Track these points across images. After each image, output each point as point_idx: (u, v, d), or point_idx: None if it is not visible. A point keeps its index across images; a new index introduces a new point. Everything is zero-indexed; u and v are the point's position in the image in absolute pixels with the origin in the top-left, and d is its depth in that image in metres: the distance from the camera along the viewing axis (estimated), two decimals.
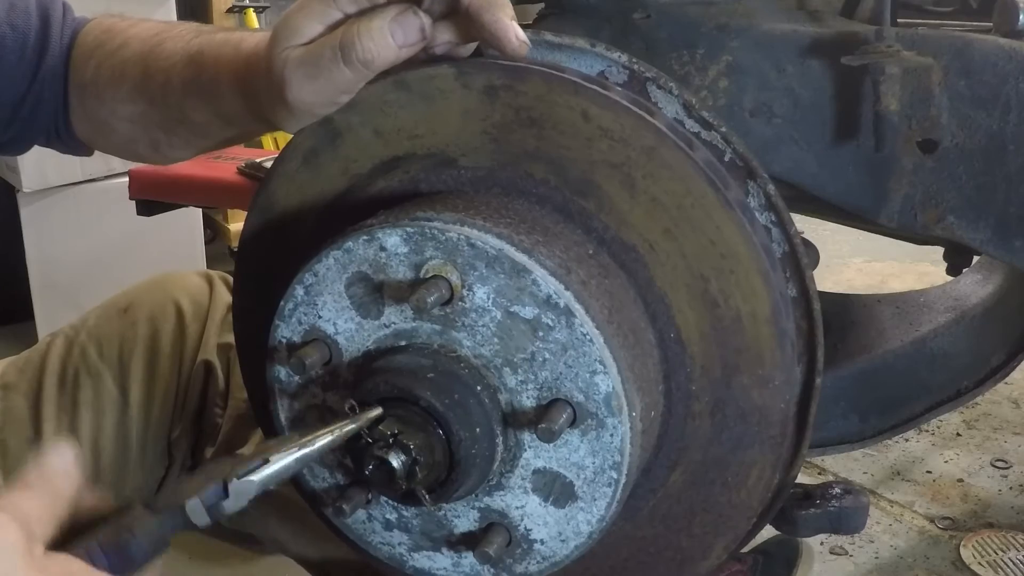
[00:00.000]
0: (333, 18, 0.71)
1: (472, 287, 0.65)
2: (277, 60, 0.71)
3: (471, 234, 0.64)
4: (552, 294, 0.63)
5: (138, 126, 0.92)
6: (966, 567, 1.78)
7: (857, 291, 2.55)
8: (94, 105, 0.94)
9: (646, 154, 0.68)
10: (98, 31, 0.96)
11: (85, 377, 1.18)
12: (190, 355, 1.22)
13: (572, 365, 0.64)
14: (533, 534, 0.69)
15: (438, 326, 0.66)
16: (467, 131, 0.71)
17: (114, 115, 0.93)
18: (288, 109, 0.73)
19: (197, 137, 0.91)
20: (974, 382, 1.25)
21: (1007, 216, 1.00)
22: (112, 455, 1.18)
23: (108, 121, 0.94)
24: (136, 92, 0.90)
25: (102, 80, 0.93)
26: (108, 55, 0.93)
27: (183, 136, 0.91)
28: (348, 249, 0.67)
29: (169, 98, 0.88)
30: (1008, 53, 0.97)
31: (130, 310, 1.22)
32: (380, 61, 0.69)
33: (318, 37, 0.71)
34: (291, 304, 0.70)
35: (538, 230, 0.68)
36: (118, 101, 0.92)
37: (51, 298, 2.61)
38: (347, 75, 0.70)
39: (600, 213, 0.70)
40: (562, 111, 0.69)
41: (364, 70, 0.69)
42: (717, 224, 0.68)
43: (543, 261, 0.64)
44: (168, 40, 0.90)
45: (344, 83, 0.71)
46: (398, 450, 0.64)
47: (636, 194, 0.69)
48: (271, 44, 0.72)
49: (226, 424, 1.22)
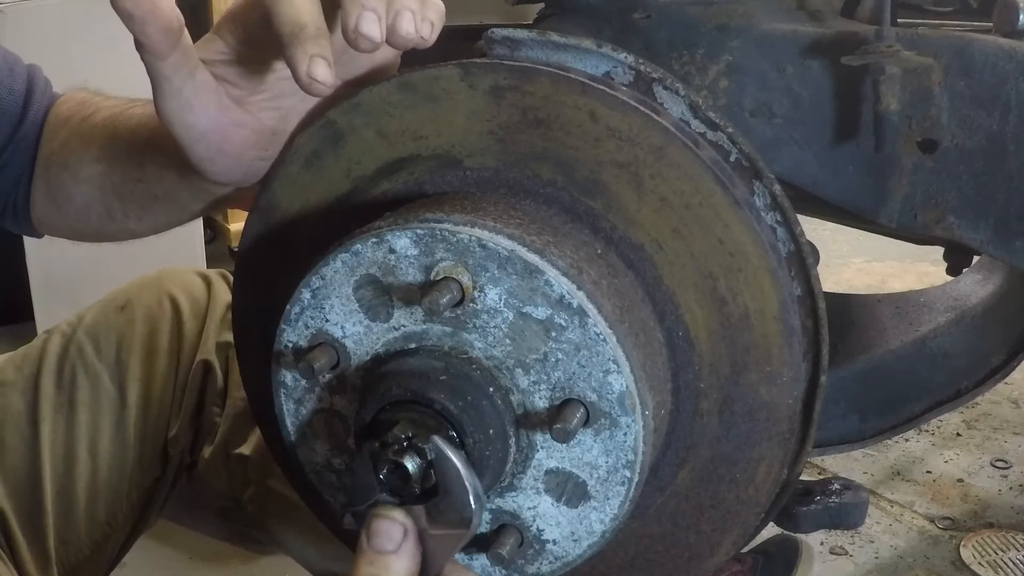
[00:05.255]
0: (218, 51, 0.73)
1: (484, 288, 0.64)
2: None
3: (482, 235, 0.64)
4: (565, 294, 0.63)
5: (95, 189, 0.90)
6: (966, 567, 1.78)
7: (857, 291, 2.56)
8: (57, 172, 0.93)
9: (654, 153, 0.68)
10: (72, 103, 0.96)
11: (83, 376, 1.18)
12: (188, 354, 1.22)
13: (585, 365, 0.64)
14: (546, 534, 0.68)
15: (449, 328, 0.66)
16: (473, 132, 0.71)
17: (75, 179, 0.91)
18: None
19: (151, 202, 0.88)
20: (974, 382, 1.25)
21: (1007, 216, 1.00)
22: (110, 455, 1.18)
23: (66, 186, 0.92)
24: (101, 151, 0.89)
25: (70, 146, 0.92)
26: (78, 123, 0.93)
27: (138, 201, 0.88)
28: (356, 251, 0.66)
29: (131, 153, 0.86)
30: (1008, 53, 0.97)
31: (127, 307, 1.22)
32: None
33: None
34: (297, 308, 0.69)
35: (548, 230, 0.67)
36: (82, 163, 0.90)
37: (51, 298, 2.60)
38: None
39: (608, 213, 0.69)
40: (569, 111, 0.68)
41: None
42: (725, 223, 0.68)
43: (555, 261, 0.64)
44: (140, 104, 0.89)
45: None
46: (412, 453, 0.63)
47: (644, 193, 0.69)
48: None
49: (224, 423, 1.22)
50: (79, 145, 0.91)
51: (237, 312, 0.87)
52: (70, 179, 0.91)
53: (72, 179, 0.91)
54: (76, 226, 0.96)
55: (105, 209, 0.90)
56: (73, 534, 1.17)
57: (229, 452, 1.23)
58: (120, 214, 0.90)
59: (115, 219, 0.91)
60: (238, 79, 0.73)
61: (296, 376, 0.71)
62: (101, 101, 0.94)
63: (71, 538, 1.17)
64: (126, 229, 0.92)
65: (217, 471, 1.23)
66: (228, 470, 1.23)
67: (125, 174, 0.87)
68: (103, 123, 0.90)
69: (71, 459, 1.15)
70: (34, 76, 0.97)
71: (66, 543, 1.17)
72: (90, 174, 0.90)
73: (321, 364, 0.68)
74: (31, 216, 0.96)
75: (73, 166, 0.91)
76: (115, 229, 0.93)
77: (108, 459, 1.17)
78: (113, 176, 0.88)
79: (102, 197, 0.90)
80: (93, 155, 0.89)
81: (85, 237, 0.98)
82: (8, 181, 0.94)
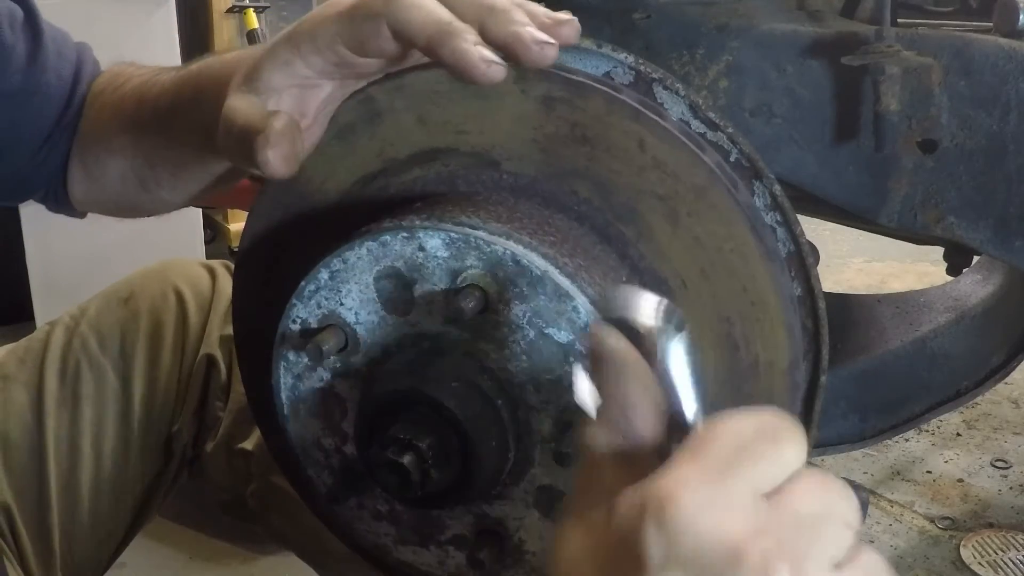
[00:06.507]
0: (299, 75, 0.68)
1: (509, 303, 0.64)
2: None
3: (517, 251, 0.63)
4: (591, 324, 0.62)
5: (127, 159, 0.90)
6: (966, 567, 1.78)
7: (857, 291, 2.56)
8: (91, 145, 0.93)
9: (695, 192, 0.67)
10: (107, 76, 0.96)
11: (87, 370, 1.18)
12: (192, 348, 1.22)
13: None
14: (526, 545, 0.68)
15: (467, 334, 0.65)
16: (516, 137, 0.70)
17: (108, 150, 0.91)
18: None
19: (180, 169, 0.88)
20: (974, 382, 1.25)
21: (1007, 216, 1.00)
22: (113, 449, 1.18)
23: (101, 159, 0.92)
24: (129, 121, 0.89)
25: (103, 119, 0.92)
26: (111, 95, 0.93)
27: (168, 168, 0.88)
28: (384, 242, 0.66)
29: (157, 120, 0.86)
30: (1008, 53, 0.97)
31: (131, 300, 1.22)
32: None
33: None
34: (312, 286, 0.68)
35: (579, 252, 0.67)
36: (113, 134, 0.90)
37: (51, 298, 2.60)
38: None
39: (639, 242, 0.69)
40: (618, 135, 0.68)
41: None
42: (752, 273, 0.68)
43: (585, 288, 0.63)
44: (167, 70, 0.89)
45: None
46: (412, 454, 0.63)
47: (678, 229, 0.68)
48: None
49: (227, 418, 1.22)
50: (110, 116, 0.91)
51: (239, 285, 0.85)
52: (104, 151, 0.92)
53: (106, 151, 0.91)
54: (113, 199, 0.95)
55: (138, 179, 0.91)
56: (77, 529, 1.17)
57: (232, 447, 1.23)
58: (152, 183, 0.90)
59: (148, 188, 0.91)
60: (308, 104, 0.70)
61: (298, 353, 0.70)
62: (133, 71, 0.94)
63: (75, 533, 1.17)
64: (160, 199, 0.92)
65: (220, 466, 1.23)
66: (231, 465, 1.23)
67: (153, 141, 0.87)
68: (132, 92, 0.90)
69: (75, 454, 1.16)
70: (83, 57, 0.96)
71: (70, 538, 1.17)
72: (121, 144, 0.90)
73: (330, 346, 0.67)
74: (70, 195, 0.97)
75: (105, 139, 0.91)
76: (149, 200, 0.93)
77: (112, 454, 1.17)
78: (142, 144, 0.88)
79: (133, 166, 0.90)
80: (123, 125, 0.89)
81: (123, 211, 0.98)
82: (54, 166, 0.94)
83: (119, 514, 1.20)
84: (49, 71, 0.93)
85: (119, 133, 0.90)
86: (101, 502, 1.18)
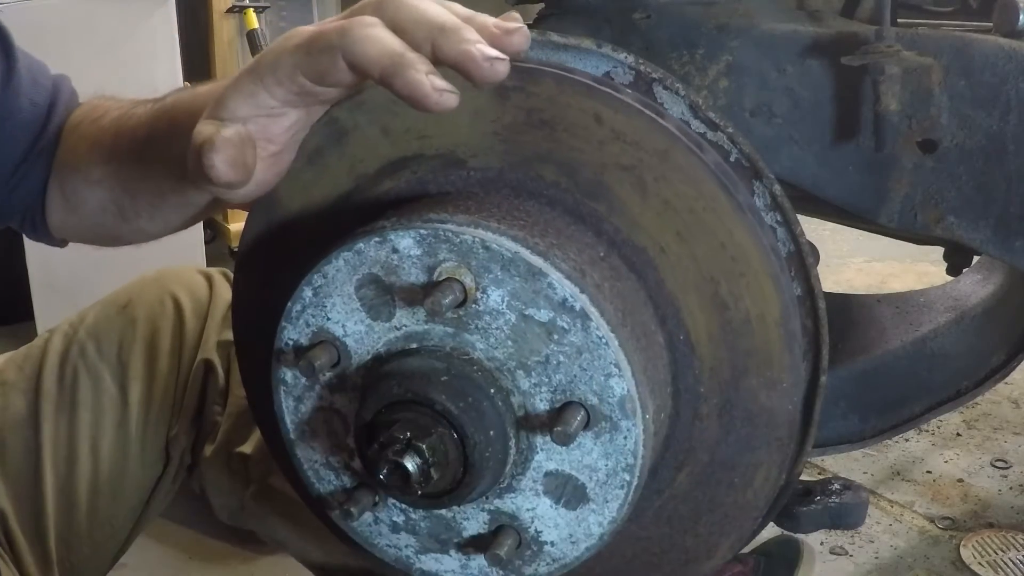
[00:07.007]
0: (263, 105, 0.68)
1: (486, 290, 0.64)
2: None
3: (486, 236, 0.64)
4: (568, 297, 0.63)
5: (106, 190, 0.90)
6: (966, 567, 1.78)
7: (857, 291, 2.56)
8: (69, 176, 0.93)
9: (658, 157, 0.68)
10: (85, 109, 0.97)
11: (84, 376, 1.18)
12: (189, 353, 1.23)
13: (587, 368, 0.64)
14: (543, 536, 0.69)
15: (451, 329, 0.66)
16: (477, 132, 0.71)
17: (86, 181, 0.92)
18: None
19: (159, 199, 0.87)
20: (974, 382, 1.25)
21: (1007, 216, 1.00)
22: (111, 455, 1.18)
23: (79, 190, 0.93)
24: (108, 153, 0.89)
25: (80, 150, 0.92)
26: (88, 127, 0.93)
27: (147, 198, 0.88)
28: (359, 251, 0.66)
29: (134, 152, 0.87)
30: (1008, 53, 0.97)
31: (129, 307, 1.22)
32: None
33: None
34: (299, 306, 0.69)
35: (551, 232, 0.68)
36: (92, 165, 0.91)
37: (51, 298, 2.60)
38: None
39: (611, 216, 0.70)
40: (574, 113, 0.68)
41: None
42: (729, 228, 0.68)
43: (558, 264, 0.64)
44: (143, 103, 0.90)
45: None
46: (413, 453, 0.63)
47: (647, 197, 0.69)
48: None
49: (225, 422, 1.23)
50: (88, 148, 0.91)
51: (237, 310, 0.87)
52: (82, 182, 0.92)
53: (84, 182, 0.92)
54: (93, 229, 0.96)
55: (118, 209, 0.91)
56: (74, 534, 1.17)
57: (230, 451, 1.23)
58: (132, 213, 0.90)
59: (128, 219, 0.91)
60: (275, 132, 0.70)
61: (296, 374, 0.71)
62: (111, 104, 0.94)
63: (72, 538, 1.17)
64: (139, 229, 0.92)
65: (218, 470, 1.23)
66: (229, 469, 1.23)
67: (131, 173, 0.88)
68: (110, 125, 0.91)
69: (73, 459, 1.16)
70: (59, 87, 0.97)
71: (67, 543, 1.17)
72: (100, 175, 0.90)
73: (322, 362, 0.68)
74: (48, 224, 0.97)
75: (84, 169, 0.91)
76: (129, 230, 0.93)
77: (109, 459, 1.17)
78: (121, 175, 0.89)
79: (113, 197, 0.90)
80: (102, 156, 0.90)
81: (102, 241, 0.98)
82: (29, 193, 0.95)
83: (117, 519, 1.20)
84: (23, 96, 0.93)
85: (98, 164, 0.90)
86: (99, 507, 1.18)
